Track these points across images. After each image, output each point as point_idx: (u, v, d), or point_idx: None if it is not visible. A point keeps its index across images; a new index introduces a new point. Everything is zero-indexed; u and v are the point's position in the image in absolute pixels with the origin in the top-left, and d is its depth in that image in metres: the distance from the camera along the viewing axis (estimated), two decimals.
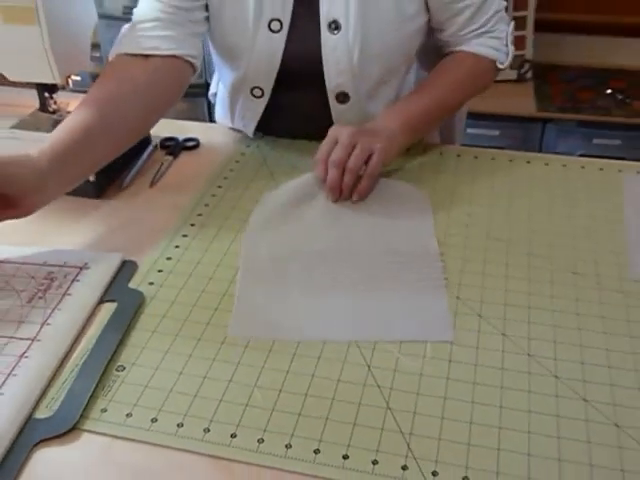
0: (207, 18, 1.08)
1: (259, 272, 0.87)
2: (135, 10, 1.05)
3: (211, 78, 2.38)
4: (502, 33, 1.11)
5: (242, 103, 1.16)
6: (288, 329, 0.78)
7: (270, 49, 1.07)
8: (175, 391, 0.70)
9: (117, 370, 0.72)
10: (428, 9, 1.08)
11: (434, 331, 0.78)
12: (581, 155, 2.27)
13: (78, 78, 1.04)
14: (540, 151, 2.30)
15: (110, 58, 1.02)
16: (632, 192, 1.01)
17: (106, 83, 0.98)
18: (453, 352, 0.74)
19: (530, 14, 2.35)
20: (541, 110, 2.25)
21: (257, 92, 1.13)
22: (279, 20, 1.05)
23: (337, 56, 1.06)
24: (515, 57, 2.40)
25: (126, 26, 1.04)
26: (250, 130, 1.18)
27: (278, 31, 1.06)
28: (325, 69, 1.07)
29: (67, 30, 0.97)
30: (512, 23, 1.13)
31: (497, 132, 2.24)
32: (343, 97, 1.10)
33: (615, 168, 1.07)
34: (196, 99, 2.42)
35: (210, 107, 2.41)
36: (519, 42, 2.36)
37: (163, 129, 1.17)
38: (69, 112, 1.06)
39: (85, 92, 0.96)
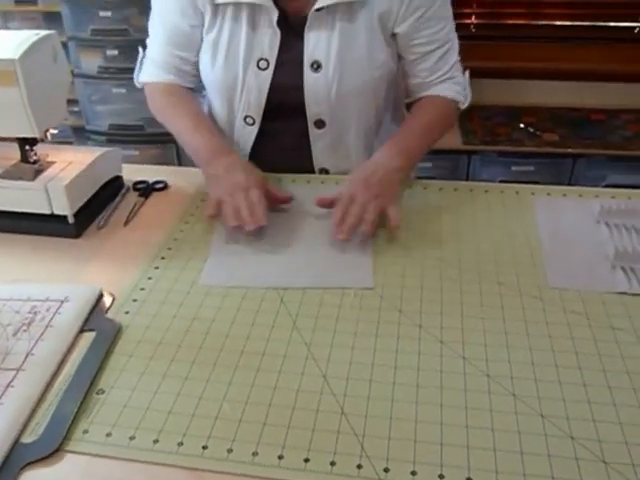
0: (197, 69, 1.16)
1: (229, 242, 0.96)
2: (148, 43, 1.17)
3: None
4: (461, 79, 1.15)
5: (237, 131, 1.17)
6: (245, 279, 0.88)
7: (258, 84, 1.10)
8: (151, 409, 0.67)
9: (97, 393, 0.69)
10: (398, 58, 1.13)
11: (357, 280, 0.87)
12: (501, 181, 2.31)
13: (56, 131, 1.02)
14: (467, 179, 2.34)
15: (142, 79, 1.19)
16: (543, 211, 1.02)
17: (175, 100, 1.15)
18: (398, 359, 0.73)
19: None
20: (466, 144, 2.29)
21: (249, 120, 1.14)
22: (266, 60, 1.08)
23: (317, 90, 1.09)
24: None
25: (144, 55, 1.19)
26: (245, 155, 1.18)
27: (265, 69, 1.08)
28: (306, 101, 1.10)
29: (44, 90, 0.95)
30: (467, 71, 1.17)
31: (429, 164, 2.26)
32: (320, 124, 1.13)
33: (529, 191, 1.08)
34: (166, 145, 2.40)
35: (179, 152, 2.39)
36: None
37: (135, 173, 1.15)
38: (49, 162, 1.04)
39: (64, 142, 0.96)
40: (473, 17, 2.55)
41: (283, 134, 1.16)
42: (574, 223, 0.99)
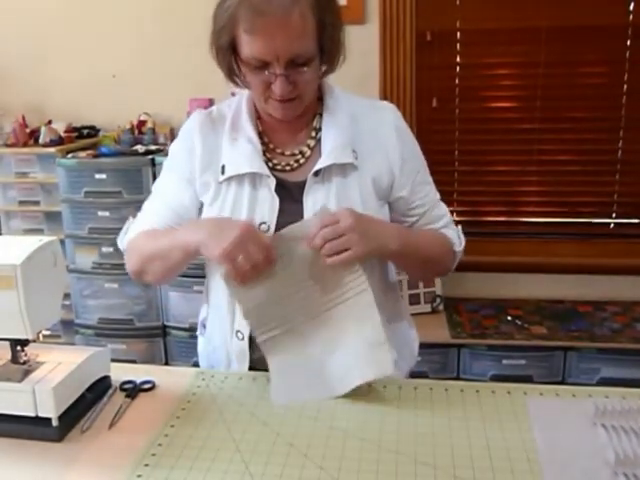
0: None
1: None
2: (141, 216, 1.26)
3: (167, 320, 2.43)
4: (454, 228, 1.30)
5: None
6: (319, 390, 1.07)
7: None
8: None
9: None
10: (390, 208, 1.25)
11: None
12: (493, 375, 2.31)
13: (48, 332, 1.04)
14: (458, 373, 2.33)
15: (129, 238, 1.24)
16: (537, 413, 1.02)
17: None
18: None
19: None
20: (454, 337, 2.32)
21: None
22: (266, 223, 1.15)
23: None
24: (427, 293, 2.55)
25: (132, 222, 1.27)
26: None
27: (266, 231, 1.15)
28: None
29: (41, 293, 0.99)
30: (459, 225, 1.30)
31: (419, 358, 2.27)
32: None
33: (521, 391, 1.09)
34: (154, 340, 2.42)
35: (166, 347, 2.40)
36: (429, 281, 2.50)
37: (123, 372, 1.16)
38: (39, 362, 1.05)
39: (52, 336, 1.00)
40: (455, 214, 2.72)
41: None
42: (570, 426, 0.99)
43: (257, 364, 1.19)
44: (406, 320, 1.38)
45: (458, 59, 2.56)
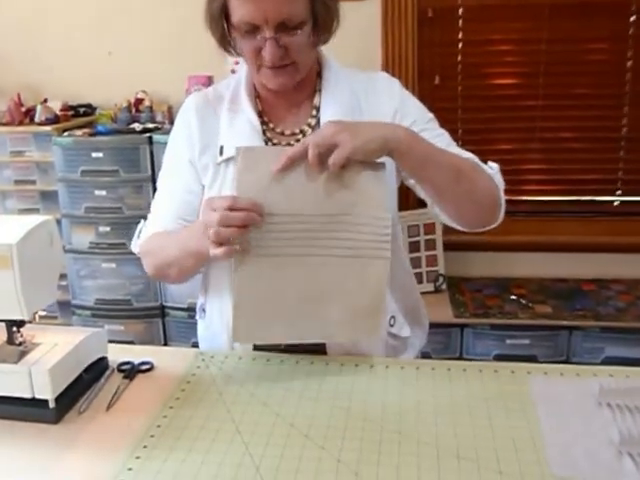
0: None
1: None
2: (151, 217, 1.23)
3: (165, 300, 2.42)
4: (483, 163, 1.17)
5: None
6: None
7: None
8: None
9: None
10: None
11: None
12: (496, 355, 2.31)
13: (44, 313, 1.03)
14: (461, 353, 2.33)
15: (141, 241, 1.21)
16: (540, 392, 1.02)
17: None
18: None
19: (438, 237, 2.50)
20: (457, 316, 2.31)
21: None
22: None
23: None
24: (430, 272, 2.53)
25: (144, 225, 1.24)
26: None
27: None
28: None
29: (37, 273, 0.98)
30: (496, 165, 1.18)
31: None
32: None
33: (524, 370, 1.08)
34: (152, 320, 2.41)
35: (165, 328, 2.40)
36: (432, 260, 2.49)
37: (121, 353, 1.15)
38: (35, 343, 1.04)
39: (49, 317, 0.99)
40: None
41: None
42: (574, 405, 0.98)
43: (259, 347, 1.18)
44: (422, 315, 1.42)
45: (460, 35, 2.52)
